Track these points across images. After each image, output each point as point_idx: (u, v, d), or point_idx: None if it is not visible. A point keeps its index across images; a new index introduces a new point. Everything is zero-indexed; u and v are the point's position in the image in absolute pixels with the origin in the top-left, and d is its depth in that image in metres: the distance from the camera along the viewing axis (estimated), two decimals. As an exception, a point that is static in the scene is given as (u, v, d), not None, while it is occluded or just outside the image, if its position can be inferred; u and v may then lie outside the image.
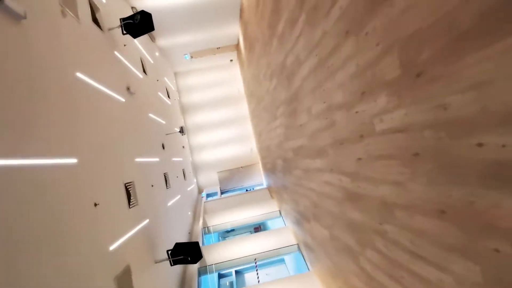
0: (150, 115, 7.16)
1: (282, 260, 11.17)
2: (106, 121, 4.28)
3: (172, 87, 11.97)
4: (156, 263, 5.05)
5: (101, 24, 5.05)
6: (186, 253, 5.02)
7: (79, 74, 3.74)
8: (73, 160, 3.12)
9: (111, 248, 3.59)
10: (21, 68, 2.59)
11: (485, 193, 1.47)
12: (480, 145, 1.45)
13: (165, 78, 10.76)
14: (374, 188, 2.64)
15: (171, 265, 5.12)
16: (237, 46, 12.03)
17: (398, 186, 2.25)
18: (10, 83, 2.39)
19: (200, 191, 13.41)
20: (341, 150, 3.24)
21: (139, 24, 5.23)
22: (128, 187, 4.58)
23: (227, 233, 13.24)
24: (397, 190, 2.27)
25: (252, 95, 10.62)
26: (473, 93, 1.43)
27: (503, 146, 1.33)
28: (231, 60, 13.48)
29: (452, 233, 1.76)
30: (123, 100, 5.22)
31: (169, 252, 5.08)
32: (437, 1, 1.54)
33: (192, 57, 12.00)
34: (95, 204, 3.42)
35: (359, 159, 2.82)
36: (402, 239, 2.35)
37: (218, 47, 11.69)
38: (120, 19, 5.31)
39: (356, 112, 2.69)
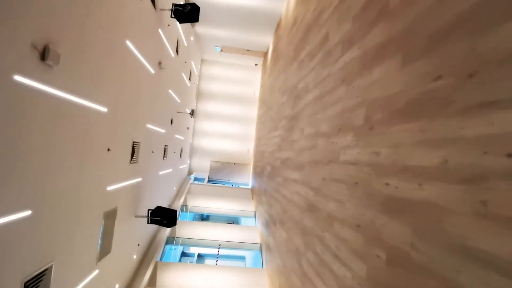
0: (170, 91, 7.91)
1: (243, 258, 11.81)
2: (135, 85, 5.02)
3: (195, 71, 12.73)
4: (136, 217, 5.75)
5: (155, 3, 5.81)
6: (164, 216, 5.72)
7: (128, 42, 4.49)
8: (104, 109, 3.85)
9: (108, 188, 4.30)
10: (97, 27, 3.34)
11: (380, 216, 2.20)
12: (387, 184, 2.17)
13: (192, 62, 11.53)
14: (326, 203, 3.36)
15: (148, 222, 5.82)
16: (265, 54, 12.81)
17: (340, 204, 2.97)
18: (87, 36, 3.14)
19: (190, 172, 14.11)
20: (314, 168, 3.96)
21: (187, 13, 5.99)
22: (134, 145, 5.30)
23: (201, 220, 13.90)
24: (339, 207, 2.99)
25: (264, 102, 11.36)
26: (391, 149, 2.16)
27: (396, 187, 2.05)
28: (256, 64, 14.25)
29: (359, 241, 2.48)
30: (153, 72, 5.97)
31: (150, 211, 5.78)
32: (389, 85, 2.28)
33: (222, 50, 12.79)
34: (108, 149, 4.14)
35: (324, 178, 3.55)
36: (332, 244, 3.07)
37: (247, 49, 12.47)
38: (173, 4, 6.07)
39: (332, 142, 3.42)
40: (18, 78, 2.22)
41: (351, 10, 3.26)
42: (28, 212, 2.49)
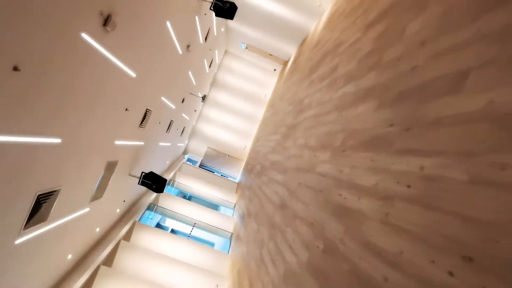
0: (189, 72, 8.50)
1: (212, 244, 12.38)
2: (162, 60, 5.62)
3: (216, 60, 13.34)
4: (129, 175, 6.33)
5: (199, -6, 6.41)
6: (154, 182, 6.30)
7: (168, 23, 5.09)
8: (134, 75, 4.44)
9: (116, 142, 4.89)
10: (147, 5, 3.93)
11: (329, 218, 2.80)
12: (340, 194, 2.78)
13: (216, 51, 12.13)
14: (295, 203, 3.97)
15: (138, 183, 6.40)
16: (285, 62, 13.43)
17: (305, 206, 3.57)
18: (138, 13, 3.73)
19: (185, 152, 14.70)
20: (295, 174, 4.56)
21: (225, 10, 6.60)
22: (147, 112, 5.90)
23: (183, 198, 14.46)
24: (303, 208, 3.60)
25: (272, 106, 11.97)
26: (350, 170, 2.76)
27: (345, 198, 2.66)
28: (275, 70, 14.87)
29: (309, 235, 3.09)
30: (180, 53, 6.57)
31: (143, 173, 6.36)
32: (365, 121, 2.89)
33: (247, 48, 13.41)
34: (126, 109, 4.74)
35: (300, 183, 4.15)
36: (290, 237, 3.67)
37: (271, 54, 13.09)
38: (213, 0, 6.68)
39: (314, 155, 4.03)
40: (84, 35, 2.81)
41: (360, 52, 3.87)
42: (58, 140, 3.08)
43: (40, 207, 3.34)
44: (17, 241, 3.11)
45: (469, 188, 1.47)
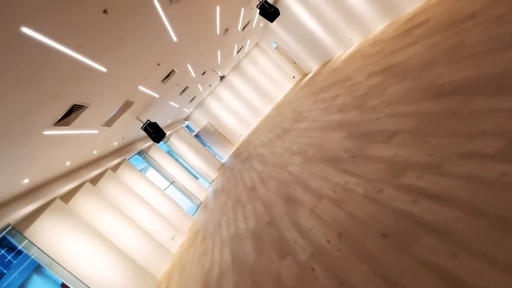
0: (218, 51, 9.29)
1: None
2: (201, 35, 6.42)
3: (245, 49, 14.10)
4: (136, 118, 7.15)
5: (252, -10, 7.19)
6: (155, 132, 7.13)
7: (218, 7, 5.89)
8: (175, 39, 5.25)
9: (139, 87, 5.70)
10: (205, -7, 4.74)
11: (280, 202, 3.69)
12: (294, 189, 3.66)
13: (248, 40, 12.89)
14: (262, 189, 4.85)
15: (141, 128, 7.21)
16: (305, 74, 14.25)
17: (268, 191, 4.46)
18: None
19: (186, 119, 15.51)
20: (271, 167, 5.44)
21: (269, 12, 7.39)
22: (172, 72, 6.71)
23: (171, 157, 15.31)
24: (266, 193, 4.48)
25: (278, 108, 12.82)
26: (308, 173, 3.64)
27: (295, 190, 3.54)
28: (294, 77, 15.69)
29: (261, 211, 3.97)
30: (218, 33, 7.37)
31: (148, 121, 7.18)
32: (332, 145, 3.76)
33: (276, 48, 14.19)
34: (158, 64, 5.55)
35: (271, 175, 5.03)
36: (247, 211, 4.55)
37: (295, 62, 13.90)
38: (262, 1, 7.45)
39: (291, 157, 4.90)
40: (155, 1, 3.63)
41: (356, 92, 4.73)
42: (104, 70, 3.90)
43: (70, 114, 4.16)
44: (45, 132, 3.93)
45: (362, 199, 2.35)
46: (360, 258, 1.87)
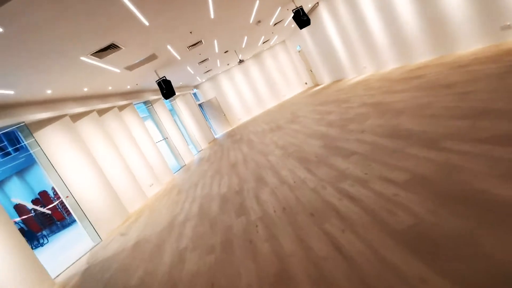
0: (245, 37, 9.90)
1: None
2: (235, 19, 7.04)
3: (270, 42, 14.66)
4: (154, 71, 7.77)
5: (294, -5, 7.80)
6: (167, 89, 7.77)
7: (258, 1, 6.51)
8: (212, 16, 5.87)
9: (167, 45, 6.32)
10: (251, -13, 5.37)
11: (253, 180, 4.45)
12: (267, 173, 4.42)
13: (276, 36, 13.47)
14: (242, 167, 5.60)
15: (156, 81, 7.85)
16: (317, 84, 14.94)
17: (246, 170, 5.20)
18: (243, -12, 5.18)
19: (195, 87, 16.11)
20: (255, 153, 6.19)
21: (301, 19, 8.02)
22: (199, 42, 7.33)
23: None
24: (244, 170, 5.23)
25: (281, 106, 13.51)
26: (282, 164, 4.40)
27: (268, 174, 4.29)
28: (306, 83, 16.37)
29: (236, 183, 4.73)
30: (250, 22, 7.98)
31: (164, 77, 7.81)
32: (309, 147, 4.52)
33: (299, 51, 14.81)
34: (190, 32, 6.18)
35: (253, 158, 5.78)
36: (223, 181, 5.30)
37: (311, 70, 14.58)
38: (301, 6, 8.07)
39: (274, 150, 5.64)
40: (208, -16, 4.27)
41: (346, 114, 5.46)
42: (147, 23, 4.53)
43: (105, 50, 4.80)
44: (81, 58, 4.57)
45: (309, 190, 3.11)
46: (290, 224, 2.63)
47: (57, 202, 10.19)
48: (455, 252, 1.41)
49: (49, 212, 9.33)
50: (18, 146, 13.39)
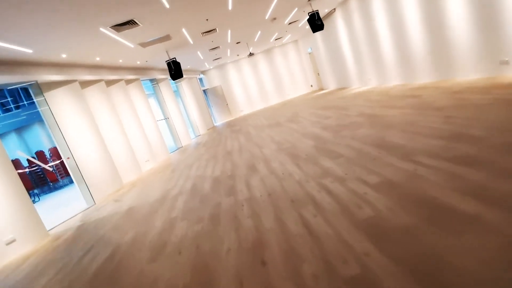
0: (259, 32, 10.14)
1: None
2: (251, 14, 7.28)
3: (283, 40, 14.89)
4: (165, 51, 8.01)
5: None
6: (175, 70, 8.01)
7: (275, 0, 6.76)
8: (230, 8, 6.12)
9: (183, 29, 6.56)
10: (271, -13, 5.62)
11: (245, 168, 4.77)
12: (259, 163, 4.73)
13: (289, 35, 13.70)
14: (237, 155, 5.91)
15: (165, 61, 8.09)
16: (321, 88, 15.24)
17: (240, 158, 5.52)
18: (264, -13, 5.43)
19: (202, 72, 16.33)
20: (252, 144, 6.50)
21: (315, 23, 8.27)
22: (213, 30, 7.57)
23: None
24: (238, 159, 5.54)
25: (284, 105, 13.81)
26: (275, 157, 4.72)
27: (260, 164, 4.62)
28: (311, 86, 16.65)
29: (229, 169, 5.05)
30: (266, 18, 8.23)
31: (174, 58, 8.04)
32: (300, 143, 4.84)
33: (310, 53, 15.07)
34: (207, 19, 6.43)
35: (248, 150, 6.09)
36: (218, 165, 5.62)
37: (318, 73, 14.86)
38: (317, 10, 8.31)
39: (269, 144, 5.96)
40: (231, -21, 4.53)
41: (341, 122, 5.79)
42: (167, 6, 4.78)
43: (124, 25, 5.04)
44: (101, 29, 4.82)
45: (295, 182, 3.43)
46: (272, 206, 2.96)
47: (52, 163, 10.45)
48: (397, 238, 1.75)
49: (50, 168, 9.64)
50: (20, 104, 13.58)
